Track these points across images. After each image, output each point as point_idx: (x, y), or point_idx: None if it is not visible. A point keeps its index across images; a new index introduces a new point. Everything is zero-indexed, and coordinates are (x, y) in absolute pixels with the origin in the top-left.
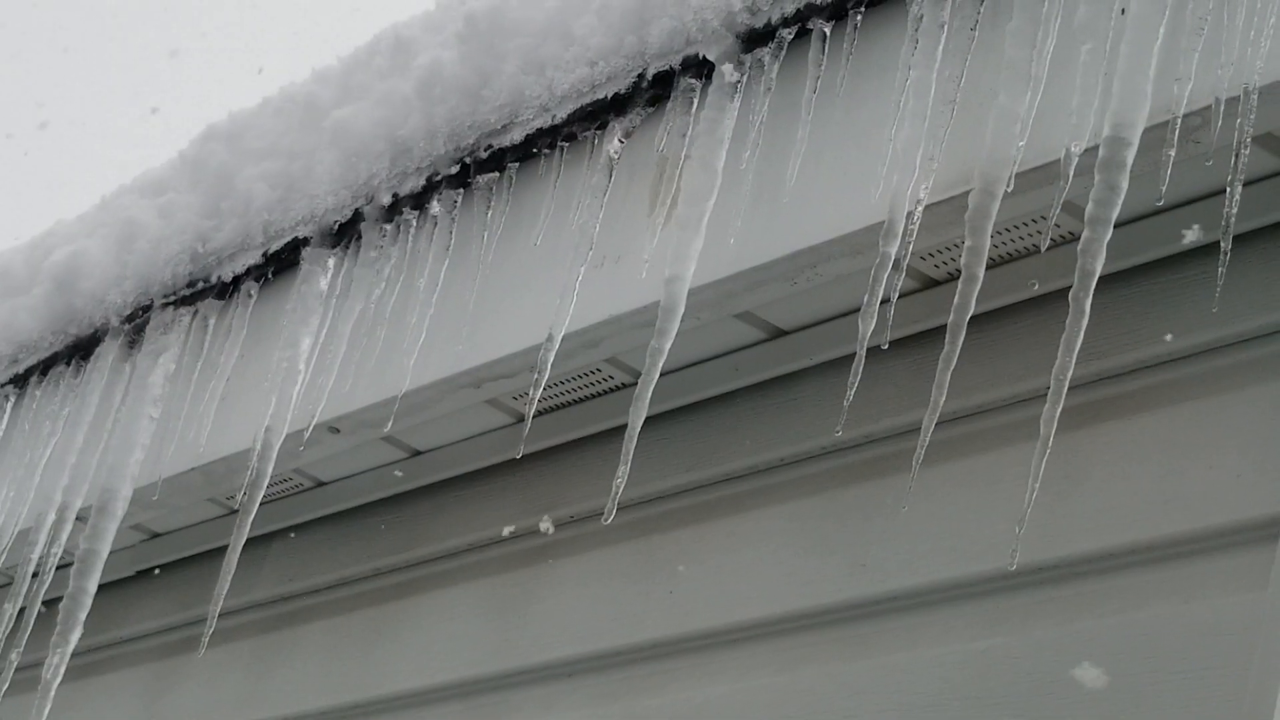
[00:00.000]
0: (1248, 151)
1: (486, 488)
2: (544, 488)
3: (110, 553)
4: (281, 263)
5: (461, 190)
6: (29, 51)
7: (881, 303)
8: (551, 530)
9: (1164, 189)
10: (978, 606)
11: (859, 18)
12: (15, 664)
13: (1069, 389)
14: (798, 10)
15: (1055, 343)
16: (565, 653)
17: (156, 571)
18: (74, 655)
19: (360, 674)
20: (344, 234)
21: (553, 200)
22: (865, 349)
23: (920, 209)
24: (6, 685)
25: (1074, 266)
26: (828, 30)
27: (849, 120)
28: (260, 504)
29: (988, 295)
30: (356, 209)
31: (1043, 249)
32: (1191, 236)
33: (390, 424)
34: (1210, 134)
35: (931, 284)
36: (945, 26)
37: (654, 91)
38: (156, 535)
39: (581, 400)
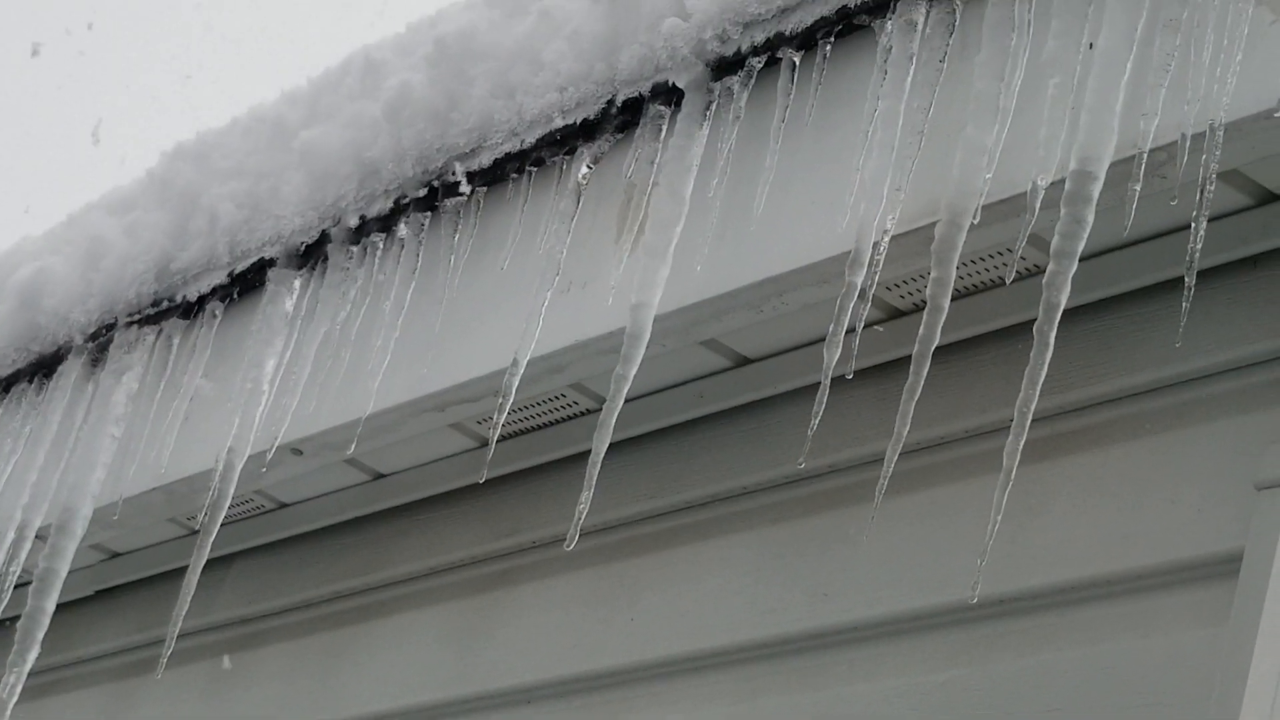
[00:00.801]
0: (1213, 187)
1: (449, 512)
2: (507, 512)
3: (69, 572)
4: (247, 283)
5: (429, 213)
6: None
7: (847, 332)
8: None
9: (1129, 223)
10: (939, 638)
11: (828, 48)
12: None
13: (1032, 422)
14: (767, 39)
15: (1019, 375)
16: (526, 679)
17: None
18: (31, 675)
19: (319, 697)
20: (310, 255)
21: (520, 225)
22: (830, 378)
23: (887, 239)
24: None
25: (1039, 299)
26: (797, 60)
27: (817, 149)
28: (221, 525)
29: (952, 327)
30: (323, 230)
31: (1008, 281)
32: (1156, 271)
33: (354, 446)
34: (1176, 169)
35: (897, 314)
36: (914, 58)
37: (623, 118)
38: (116, 555)
39: (546, 425)
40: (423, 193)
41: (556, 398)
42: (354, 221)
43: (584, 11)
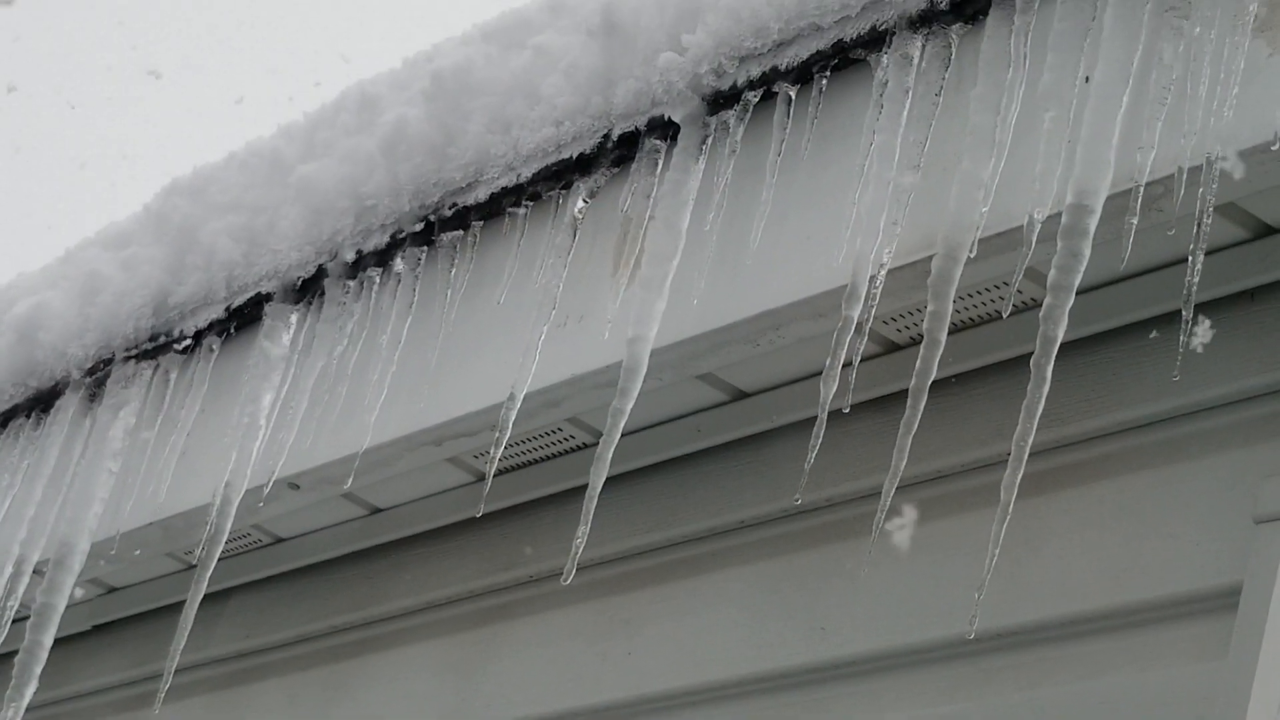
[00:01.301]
0: (1210, 220)
1: (446, 546)
2: (504, 547)
3: (67, 607)
4: (244, 318)
5: (426, 248)
6: None
7: (844, 366)
8: None
9: (1126, 257)
10: (937, 672)
11: (824, 82)
12: None
13: (1029, 455)
14: (763, 73)
15: (1016, 409)
16: (522, 713)
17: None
18: (29, 710)
19: None
20: (307, 290)
21: (516, 259)
22: (827, 412)
23: (883, 273)
24: None
25: (1036, 333)
26: (793, 94)
27: (813, 183)
28: (219, 559)
29: (950, 360)
30: (320, 265)
31: (1005, 315)
32: (1153, 305)
33: (350, 481)
34: (1173, 203)
35: (894, 348)
36: (910, 92)
37: (619, 152)
38: (114, 589)
39: (542, 460)
40: (419, 227)
41: (553, 432)
42: (350, 256)
43: (580, 46)
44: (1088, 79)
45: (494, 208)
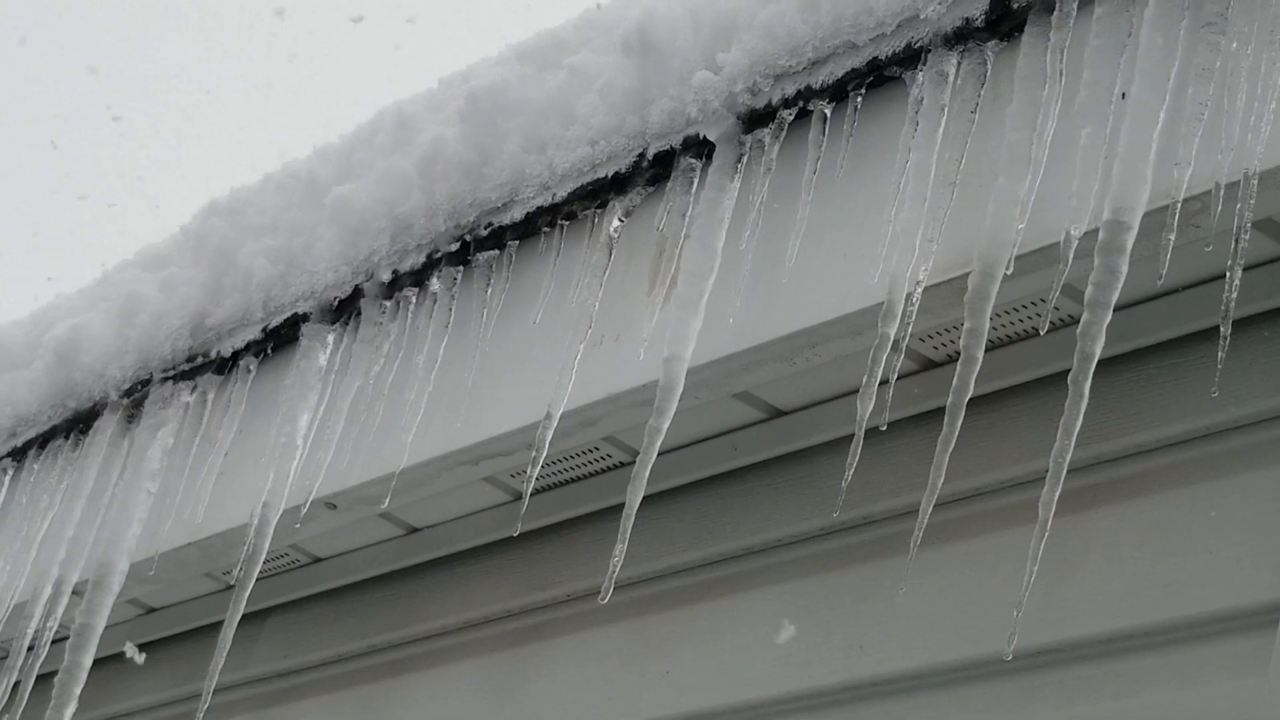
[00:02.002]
0: (1248, 236)
1: (483, 565)
2: (541, 566)
3: (106, 627)
4: (281, 338)
5: (461, 268)
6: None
7: (880, 384)
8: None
9: (1164, 273)
10: (975, 690)
11: (859, 99)
12: None
13: (1068, 472)
14: (798, 91)
15: (1054, 426)
16: None
17: (138, 656)
18: None
19: None
20: (344, 310)
21: (552, 278)
22: (864, 430)
23: (920, 290)
24: None
25: (1073, 349)
26: (828, 111)
27: (849, 201)
28: (256, 580)
29: (987, 377)
30: (356, 285)
31: (1042, 331)
32: (1191, 321)
33: (388, 500)
34: (1210, 219)
35: (930, 365)
36: (945, 109)
37: (654, 171)
38: (152, 610)
39: (579, 479)
40: (455, 247)
41: (590, 451)
42: (387, 276)
43: (615, 66)
44: (1124, 95)
45: (530, 227)
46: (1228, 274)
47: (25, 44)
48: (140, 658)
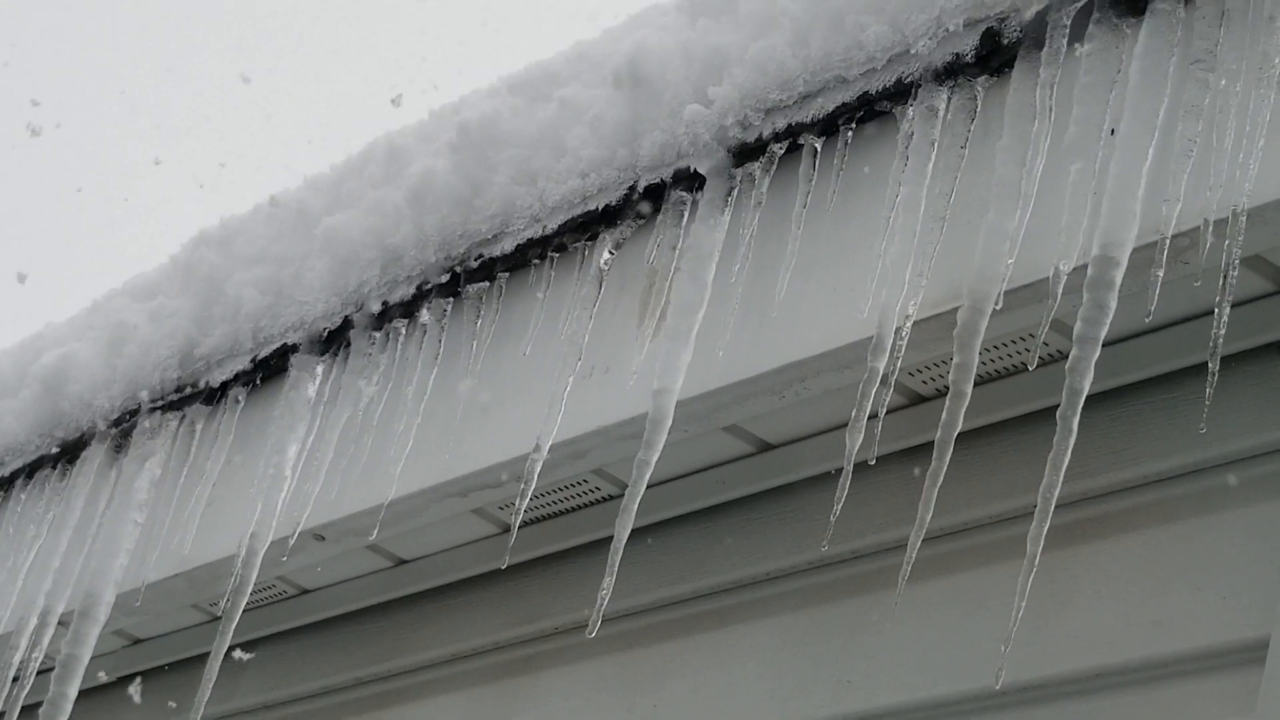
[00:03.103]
0: (1236, 273)
1: (472, 597)
2: (529, 598)
3: (91, 658)
4: (270, 369)
5: (451, 299)
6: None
7: (869, 418)
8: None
9: (1152, 309)
10: None
11: (850, 134)
12: None
13: (1055, 508)
14: (789, 125)
15: (1042, 461)
16: None
17: (129, 687)
18: None
19: None
20: (333, 341)
21: (542, 310)
22: (852, 464)
23: (909, 325)
24: None
25: (1062, 385)
26: (819, 145)
27: (839, 235)
28: (244, 611)
29: (975, 412)
30: (346, 316)
31: (1031, 367)
32: (1180, 357)
33: (376, 532)
34: (1199, 255)
35: (919, 400)
36: (935, 144)
37: (645, 204)
38: (139, 641)
39: (568, 511)
40: (445, 278)
41: (579, 483)
42: (376, 307)
43: (606, 98)
44: (1113, 131)
45: (520, 259)
46: (1216, 310)
47: None
48: (246, 657)
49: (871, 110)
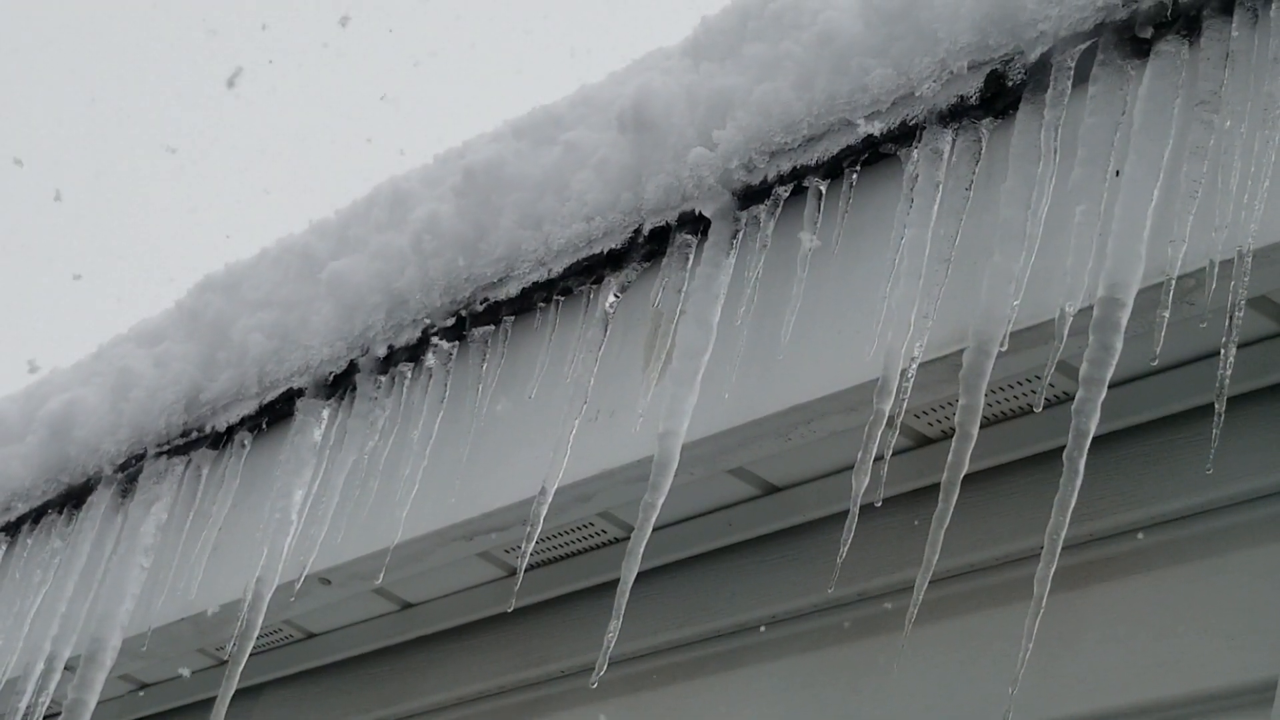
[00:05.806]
0: (1242, 314)
1: (477, 641)
2: (535, 642)
3: (98, 703)
4: (276, 413)
5: (457, 343)
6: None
7: (875, 460)
8: None
9: (1158, 350)
10: None
11: (854, 176)
12: None
13: (1062, 549)
14: (794, 168)
15: (1049, 502)
16: None
17: None
18: None
19: None
20: (339, 385)
21: (548, 354)
22: (859, 506)
23: (915, 366)
24: None
25: (1068, 426)
26: (823, 188)
27: (844, 277)
28: (250, 655)
29: (982, 454)
30: (351, 360)
31: (1037, 408)
32: (1186, 398)
33: (382, 576)
34: (1205, 296)
35: (925, 442)
36: (940, 186)
37: (650, 247)
38: (145, 686)
39: (574, 554)
40: (450, 322)
41: (584, 526)
42: (382, 351)
43: (610, 142)
44: (1118, 173)
45: (525, 303)
46: (1222, 351)
47: None
48: None
49: (876, 152)
